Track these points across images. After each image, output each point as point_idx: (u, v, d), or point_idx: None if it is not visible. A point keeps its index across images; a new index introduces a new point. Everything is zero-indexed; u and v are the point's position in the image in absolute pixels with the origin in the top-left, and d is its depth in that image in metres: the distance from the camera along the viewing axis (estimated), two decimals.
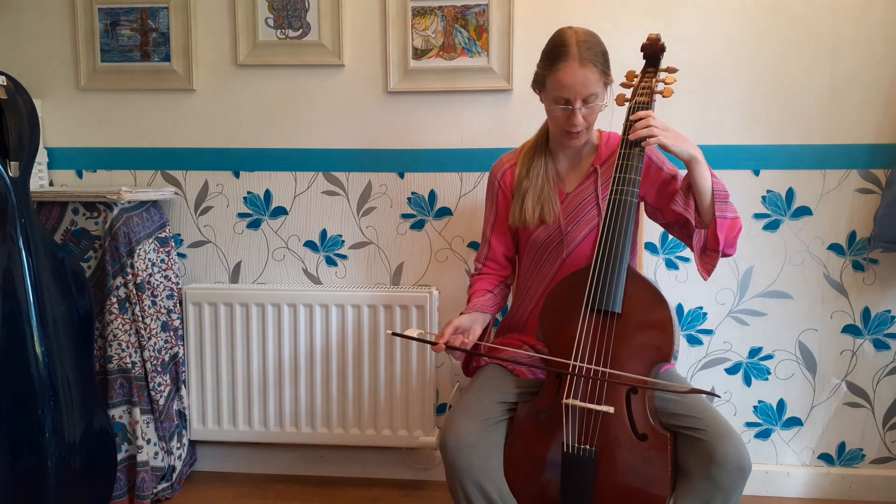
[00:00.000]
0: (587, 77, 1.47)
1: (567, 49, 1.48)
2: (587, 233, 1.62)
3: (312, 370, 2.17)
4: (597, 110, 1.54)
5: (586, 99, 1.50)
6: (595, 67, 1.48)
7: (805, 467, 2.17)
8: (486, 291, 1.69)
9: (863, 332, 2.11)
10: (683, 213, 1.50)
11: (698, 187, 1.45)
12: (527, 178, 1.64)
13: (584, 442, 1.39)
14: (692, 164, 1.44)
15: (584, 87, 1.48)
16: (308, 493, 2.20)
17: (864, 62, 2.03)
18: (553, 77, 1.50)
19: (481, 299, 1.66)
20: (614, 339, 1.40)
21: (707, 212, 1.47)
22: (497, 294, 1.71)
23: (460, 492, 1.40)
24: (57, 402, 1.83)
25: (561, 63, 1.48)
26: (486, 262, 1.75)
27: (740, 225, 1.51)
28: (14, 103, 1.79)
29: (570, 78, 1.47)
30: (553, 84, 1.51)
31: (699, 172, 1.45)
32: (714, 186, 1.46)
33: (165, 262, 2.17)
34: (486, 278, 1.73)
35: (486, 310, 1.64)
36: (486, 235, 1.75)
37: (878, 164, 2.05)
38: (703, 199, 1.46)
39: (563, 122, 1.54)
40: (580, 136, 1.56)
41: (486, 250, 1.74)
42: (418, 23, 2.12)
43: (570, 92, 1.48)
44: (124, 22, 2.22)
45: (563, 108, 1.51)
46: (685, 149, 1.43)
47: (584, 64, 1.47)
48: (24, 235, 1.79)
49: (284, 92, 2.21)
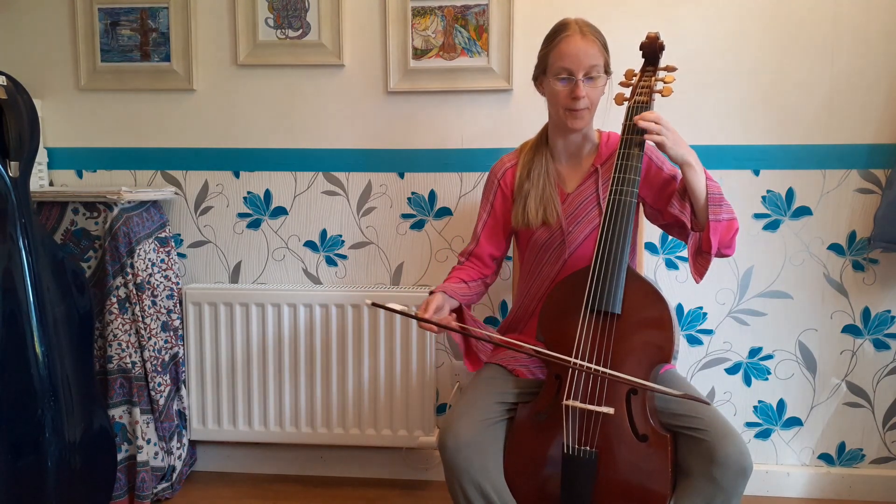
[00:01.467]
0: (589, 48, 1.51)
1: (568, 27, 1.54)
2: (588, 233, 1.62)
3: (312, 370, 2.17)
4: (599, 87, 1.54)
5: (588, 72, 1.51)
6: (597, 41, 1.52)
7: (805, 467, 2.17)
8: (461, 280, 1.65)
9: (863, 332, 2.11)
10: (679, 216, 1.50)
11: (693, 191, 1.44)
12: (528, 179, 1.64)
13: (584, 443, 1.39)
14: (685, 168, 1.43)
15: (587, 57, 1.50)
16: (308, 493, 2.20)
17: (864, 62, 2.03)
18: (555, 50, 1.53)
19: (452, 284, 1.62)
20: (614, 340, 1.40)
21: (703, 214, 1.46)
22: (472, 287, 1.67)
23: (459, 492, 1.40)
24: (57, 402, 1.83)
25: (562, 35, 1.53)
26: (469, 257, 1.73)
27: (737, 226, 1.50)
28: (14, 103, 1.79)
29: (573, 47, 1.51)
30: (555, 57, 1.53)
31: (692, 177, 1.43)
32: (708, 189, 1.45)
33: (165, 262, 2.17)
34: (465, 270, 1.70)
35: (455, 296, 1.57)
36: (477, 232, 1.73)
37: (877, 165, 2.05)
38: (697, 202, 1.45)
39: (565, 99, 1.53)
40: (583, 116, 1.55)
41: (473, 247, 1.73)
42: (418, 23, 2.12)
43: (573, 61, 1.50)
44: (124, 22, 2.22)
45: (566, 81, 1.52)
46: (680, 153, 1.42)
47: (585, 36, 1.52)
48: (24, 235, 1.79)
49: (284, 92, 2.21)
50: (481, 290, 1.73)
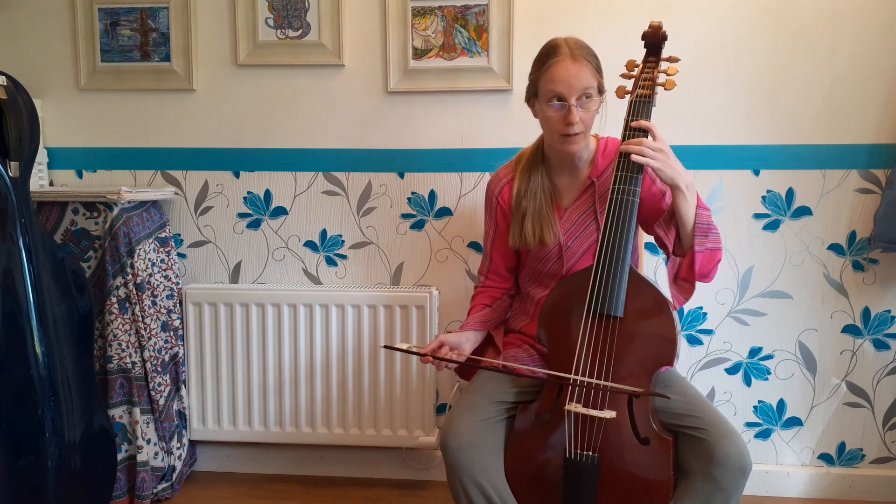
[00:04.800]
0: (580, 71, 1.45)
1: (558, 49, 1.48)
2: (586, 248, 1.59)
3: (312, 370, 2.17)
4: (593, 110, 1.50)
5: (581, 96, 1.46)
6: (588, 64, 1.47)
7: (805, 467, 2.17)
8: (484, 306, 1.69)
9: (863, 332, 2.11)
10: (664, 238, 1.48)
11: (680, 216, 1.41)
12: (525, 197, 1.61)
13: (586, 448, 1.38)
14: (674, 192, 1.40)
15: (578, 81, 1.45)
16: (308, 493, 2.20)
17: (864, 62, 2.03)
18: (546, 75, 1.48)
19: (477, 315, 1.67)
20: (616, 344, 1.39)
21: (687, 239, 1.43)
22: (496, 308, 1.70)
23: (460, 491, 1.40)
24: (57, 402, 1.83)
25: (552, 60, 1.47)
26: (488, 274, 1.74)
27: (720, 257, 1.45)
28: (14, 103, 1.79)
29: (564, 71, 1.45)
30: (546, 81, 1.48)
31: (681, 202, 1.39)
32: (697, 218, 1.40)
33: (165, 262, 2.17)
34: (487, 292, 1.73)
35: (480, 326, 1.65)
36: (487, 249, 1.74)
37: (877, 164, 2.05)
38: (684, 229, 1.41)
39: (558, 125, 1.49)
40: (577, 140, 1.51)
41: (488, 263, 1.74)
42: (418, 23, 2.12)
43: (564, 86, 1.45)
44: (124, 22, 2.22)
45: (559, 106, 1.47)
46: (671, 176, 1.38)
47: (576, 59, 1.46)
48: (24, 235, 1.79)
49: (284, 92, 2.21)
50: (507, 303, 1.74)
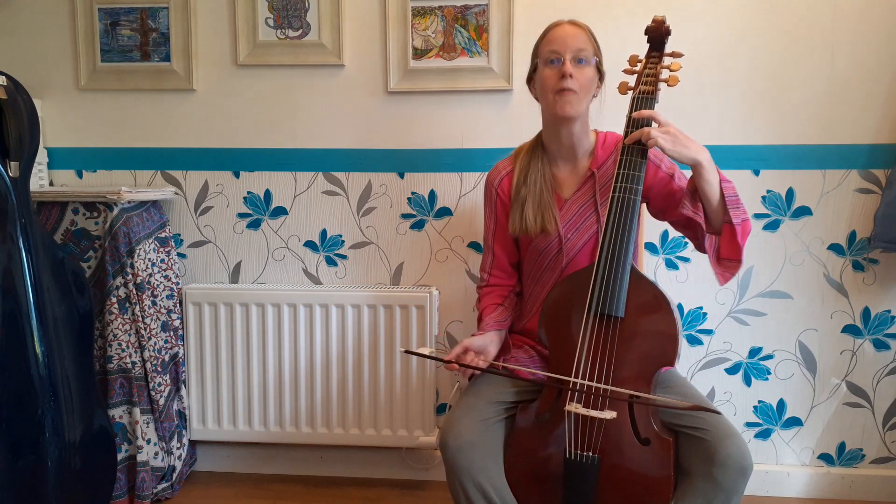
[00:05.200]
0: (576, 32, 1.53)
1: (558, 21, 1.58)
2: (586, 240, 1.58)
3: (312, 370, 2.17)
4: (588, 76, 1.52)
5: (576, 55, 1.51)
6: (585, 31, 1.55)
7: (805, 467, 2.17)
8: (497, 305, 1.66)
9: (863, 332, 2.11)
10: (694, 217, 1.44)
11: (704, 192, 1.39)
12: (524, 184, 1.60)
13: (587, 449, 1.38)
14: (696, 170, 1.38)
15: (574, 40, 1.52)
16: (308, 493, 2.20)
17: (864, 62, 2.03)
18: (544, 40, 1.56)
19: (493, 315, 1.63)
20: (617, 344, 1.38)
21: (716, 215, 1.42)
22: (508, 306, 1.67)
23: (460, 491, 1.40)
24: (57, 402, 1.83)
25: (552, 26, 1.57)
26: (491, 270, 1.71)
27: (750, 228, 1.45)
28: (14, 103, 1.79)
29: (561, 31, 1.55)
30: (544, 45, 1.55)
31: (704, 178, 1.38)
32: (724, 191, 1.39)
33: (165, 262, 2.17)
34: (495, 290, 1.70)
35: (501, 326, 1.61)
36: (489, 244, 1.71)
37: (877, 164, 2.05)
38: (710, 204, 1.40)
39: (554, 83, 1.51)
40: (571, 100, 1.49)
41: (491, 259, 1.71)
42: (418, 23, 2.12)
43: (560, 44, 1.52)
44: (124, 22, 2.22)
45: (554, 65, 1.52)
46: (685, 154, 1.36)
47: (574, 23, 1.56)
48: (24, 235, 1.79)
49: (284, 92, 2.21)
50: (514, 301, 1.72)
